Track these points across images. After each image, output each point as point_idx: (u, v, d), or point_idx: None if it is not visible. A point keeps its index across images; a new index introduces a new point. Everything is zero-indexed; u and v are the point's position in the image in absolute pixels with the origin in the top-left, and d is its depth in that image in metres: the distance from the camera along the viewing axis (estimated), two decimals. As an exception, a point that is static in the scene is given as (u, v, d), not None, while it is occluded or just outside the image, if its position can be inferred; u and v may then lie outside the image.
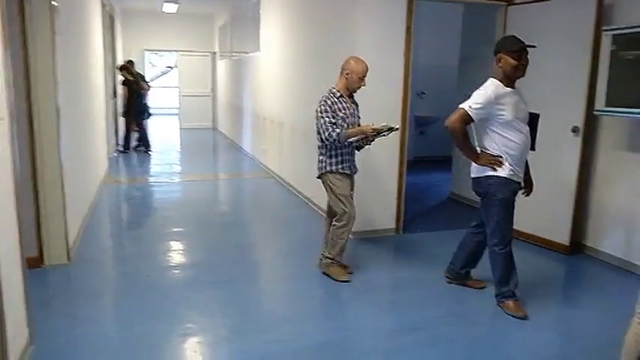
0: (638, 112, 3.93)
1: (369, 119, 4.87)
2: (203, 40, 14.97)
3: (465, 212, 6.01)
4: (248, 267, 4.41)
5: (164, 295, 3.73)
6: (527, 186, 3.59)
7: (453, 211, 6.24)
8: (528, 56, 3.29)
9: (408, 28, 4.89)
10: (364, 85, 3.92)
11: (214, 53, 15.03)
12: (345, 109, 3.87)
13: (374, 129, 3.80)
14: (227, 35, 12.81)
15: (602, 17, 4.26)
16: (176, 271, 4.26)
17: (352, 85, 3.88)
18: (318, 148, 3.97)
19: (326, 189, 4.02)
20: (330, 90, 3.92)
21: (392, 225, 5.15)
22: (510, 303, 3.48)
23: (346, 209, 3.92)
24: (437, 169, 8.15)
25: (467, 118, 3.28)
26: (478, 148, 3.44)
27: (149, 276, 4.07)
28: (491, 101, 3.24)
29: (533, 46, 3.30)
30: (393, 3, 4.83)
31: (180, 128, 15.00)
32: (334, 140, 3.79)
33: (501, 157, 3.33)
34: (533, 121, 3.45)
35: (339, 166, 3.93)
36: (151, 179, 8.13)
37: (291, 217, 6.09)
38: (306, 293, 3.83)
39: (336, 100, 3.86)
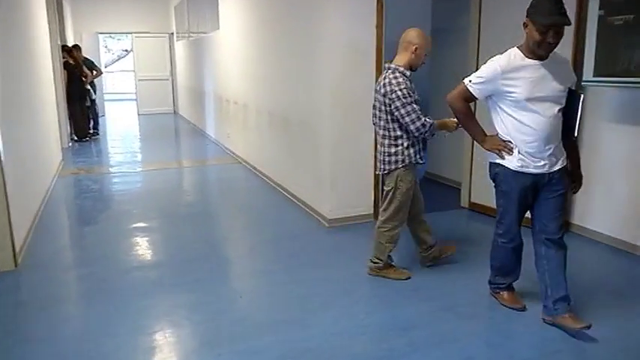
0: (628, 81, 3.69)
1: (340, 97, 4.57)
2: (159, 20, 14.29)
3: (442, 193, 5.80)
4: (219, 264, 4.02)
5: (126, 302, 3.32)
6: (575, 180, 3.01)
7: (430, 192, 5.81)
8: (562, 32, 2.61)
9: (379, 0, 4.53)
10: (424, 64, 3.41)
11: (171, 34, 14.35)
12: (415, 90, 3.33)
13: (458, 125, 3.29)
14: (184, 14, 12.18)
15: (586, -19, 3.97)
16: (139, 274, 3.84)
17: (418, 61, 3.33)
18: (386, 138, 3.35)
19: (392, 187, 3.41)
20: (397, 69, 3.28)
21: (369, 210, 4.83)
22: (505, 294, 3.19)
23: (404, 217, 3.50)
24: (409, 148, 7.84)
25: (467, 95, 2.84)
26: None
27: (105, 281, 3.66)
28: (497, 76, 2.71)
29: (568, 24, 2.59)
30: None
31: (139, 114, 14.35)
32: (425, 132, 3.26)
33: (511, 142, 2.80)
34: (572, 101, 2.78)
35: (418, 156, 3.39)
36: (110, 169, 7.61)
37: (262, 204, 5.71)
38: (285, 293, 3.47)
39: (409, 81, 3.29)
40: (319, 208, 4.89)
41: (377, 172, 3.57)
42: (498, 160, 2.87)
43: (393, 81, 3.23)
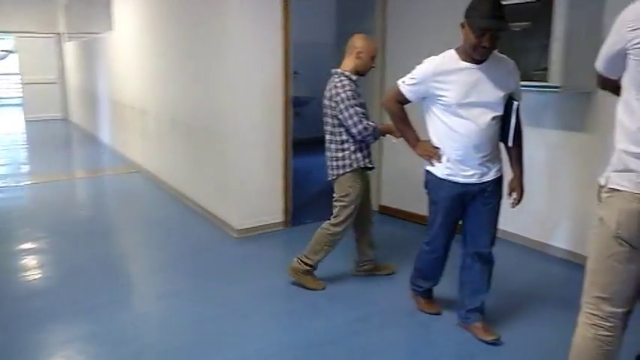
0: (526, 85, 3.82)
1: (246, 101, 4.38)
2: (45, 20, 13.23)
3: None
4: (119, 287, 3.68)
5: (13, 337, 2.92)
6: (516, 193, 2.80)
7: None
8: (499, 36, 2.48)
9: (286, 1, 4.40)
10: (374, 67, 3.41)
11: (60, 34, 13.36)
12: (360, 95, 3.29)
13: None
14: (73, 13, 11.37)
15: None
16: (28, 303, 3.41)
17: (364, 66, 3.30)
18: (333, 143, 3.32)
19: (341, 191, 3.36)
20: (343, 73, 3.27)
21: (280, 218, 4.69)
22: (421, 299, 3.18)
23: (351, 223, 3.43)
24: (316, 152, 7.75)
25: (400, 96, 2.72)
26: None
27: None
28: (428, 77, 2.59)
29: (504, 29, 2.49)
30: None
31: (26, 120, 13.22)
32: (367, 136, 3.21)
33: (439, 149, 2.68)
34: (507, 109, 2.60)
35: (367, 160, 3.34)
36: (-9, 184, 6.88)
37: (165, 217, 5.38)
38: (193, 315, 3.22)
39: (354, 85, 3.25)
40: (227, 218, 4.67)
41: (327, 179, 3.46)
42: (428, 167, 2.77)
43: (338, 84, 3.22)
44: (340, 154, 3.30)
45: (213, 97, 4.82)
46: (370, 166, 3.39)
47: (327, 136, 3.35)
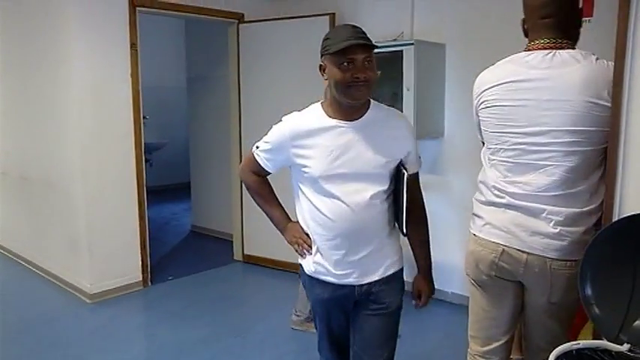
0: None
1: (93, 153, 4.02)
2: None
3: (212, 246, 5.57)
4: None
5: None
6: (420, 291, 2.02)
7: (199, 247, 5.66)
8: (372, 64, 1.74)
9: (133, 45, 4.17)
10: None
11: None
12: None
13: None
14: None
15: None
16: None
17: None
18: None
19: None
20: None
21: (138, 277, 4.32)
22: None
23: None
24: (171, 200, 7.49)
25: (256, 167, 2.00)
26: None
27: None
28: (285, 141, 1.87)
29: (370, 45, 1.72)
30: (113, 16, 4.04)
31: None
32: None
33: (308, 236, 1.93)
34: (397, 182, 1.86)
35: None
36: None
37: (28, 306, 4.67)
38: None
39: None
40: (77, 281, 4.19)
41: None
42: (300, 260, 2.00)
43: None
44: None
45: (55, 152, 4.35)
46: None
47: None
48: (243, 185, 2.21)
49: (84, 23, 3.92)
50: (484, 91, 1.83)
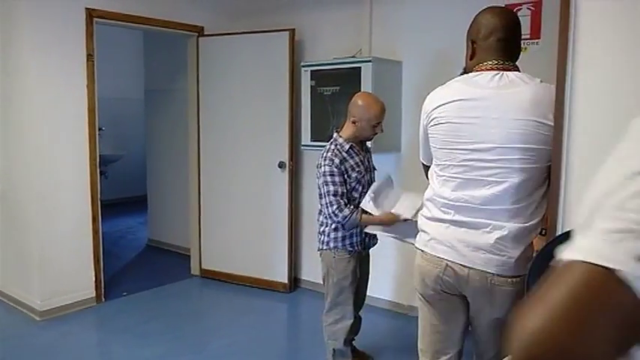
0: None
1: (46, 164, 3.93)
2: None
3: (168, 261, 5.49)
4: None
5: None
6: None
7: (156, 262, 5.56)
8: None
9: (90, 56, 4.12)
10: (381, 132, 2.89)
11: None
12: (359, 165, 2.84)
13: (405, 219, 2.65)
14: None
15: (294, 52, 4.31)
16: None
17: (363, 133, 2.85)
18: (320, 214, 2.90)
19: (325, 271, 2.92)
20: (336, 140, 2.83)
21: (91, 293, 4.22)
22: None
23: (346, 307, 2.89)
24: (127, 214, 7.35)
25: None
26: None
27: None
28: None
29: None
30: (70, 27, 3.99)
31: None
32: (339, 222, 2.76)
33: None
34: None
35: (349, 242, 2.84)
36: None
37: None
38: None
39: (345, 155, 2.79)
40: (27, 298, 4.06)
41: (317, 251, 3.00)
42: None
43: (327, 154, 2.80)
44: (321, 229, 2.90)
45: (6, 160, 4.24)
46: (351, 249, 2.86)
47: (319, 205, 2.90)
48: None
49: (39, 33, 3.86)
50: (435, 108, 1.89)
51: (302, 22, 4.40)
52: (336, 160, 2.75)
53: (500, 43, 1.83)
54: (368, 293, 3.22)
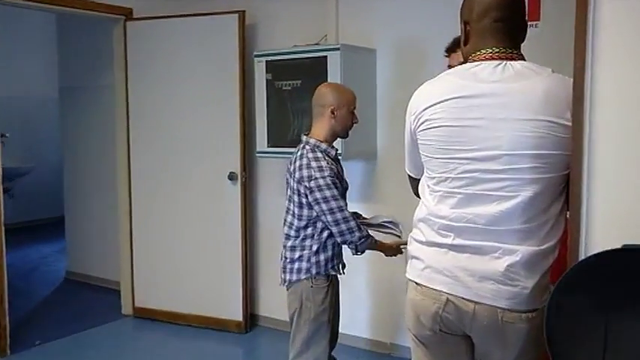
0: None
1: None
2: None
3: (93, 298, 5.42)
4: None
5: None
6: None
7: (77, 300, 5.44)
8: None
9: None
10: (357, 122, 2.93)
11: None
12: (341, 172, 2.93)
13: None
14: None
15: (245, 39, 4.27)
16: None
17: (344, 124, 2.86)
18: (290, 237, 2.86)
19: (295, 308, 2.84)
20: (317, 145, 2.81)
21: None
22: None
23: (320, 350, 2.83)
24: (39, 240, 7.25)
25: None
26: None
27: None
28: None
29: None
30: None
31: None
32: (349, 242, 2.80)
33: None
34: None
35: (331, 265, 2.85)
36: None
37: None
38: None
39: (332, 161, 2.82)
40: None
41: (279, 285, 2.96)
42: None
43: (313, 164, 2.73)
44: (297, 254, 2.84)
45: None
46: (333, 273, 2.90)
47: (285, 227, 2.91)
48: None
49: None
50: (425, 109, 1.82)
51: (255, 3, 4.37)
52: (334, 169, 2.79)
53: (497, 25, 1.78)
54: (341, 330, 3.14)
